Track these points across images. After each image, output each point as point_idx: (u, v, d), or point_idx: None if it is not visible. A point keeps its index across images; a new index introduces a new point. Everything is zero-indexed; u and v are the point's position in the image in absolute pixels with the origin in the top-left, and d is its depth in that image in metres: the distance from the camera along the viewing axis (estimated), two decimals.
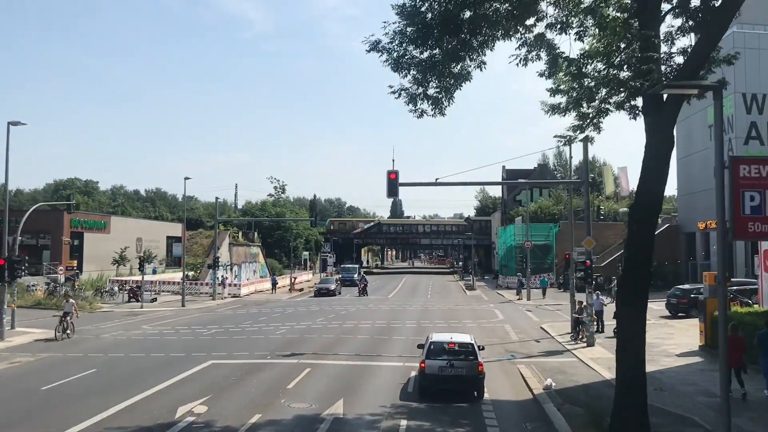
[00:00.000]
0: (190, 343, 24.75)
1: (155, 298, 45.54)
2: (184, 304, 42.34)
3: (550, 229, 62.14)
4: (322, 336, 26.37)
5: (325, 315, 35.19)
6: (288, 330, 28.49)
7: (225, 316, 36.44)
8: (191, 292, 51.10)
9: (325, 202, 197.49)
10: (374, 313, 36.81)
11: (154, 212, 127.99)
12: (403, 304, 42.93)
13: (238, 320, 33.18)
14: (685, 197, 58.81)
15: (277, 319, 33.72)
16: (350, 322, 31.60)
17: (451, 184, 23.83)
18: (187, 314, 37.36)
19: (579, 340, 24.32)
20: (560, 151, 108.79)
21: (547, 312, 36.95)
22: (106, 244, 57.32)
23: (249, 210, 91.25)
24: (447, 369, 15.33)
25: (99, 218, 60.09)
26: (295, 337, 26.05)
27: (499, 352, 22.64)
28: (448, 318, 33.67)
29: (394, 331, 28.33)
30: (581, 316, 24.43)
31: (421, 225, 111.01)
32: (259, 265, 67.90)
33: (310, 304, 44.33)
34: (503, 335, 27.28)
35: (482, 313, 37.19)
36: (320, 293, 51.75)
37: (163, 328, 30.17)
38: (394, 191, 23.87)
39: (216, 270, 48.39)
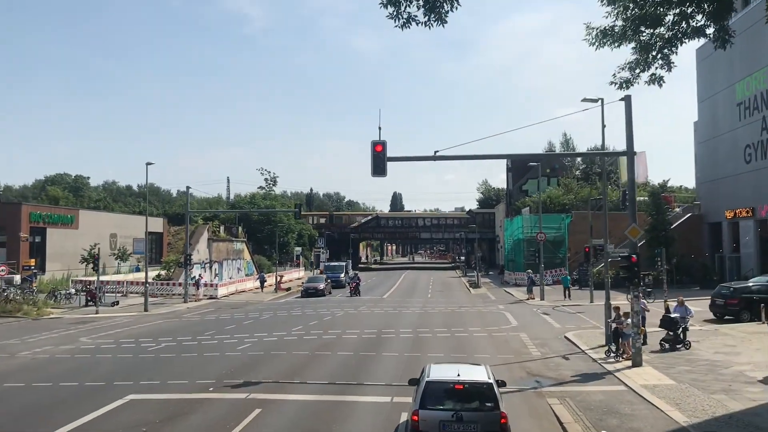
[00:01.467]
0: (122, 365, 19.38)
1: (117, 301, 40.15)
2: (147, 308, 36.98)
3: (562, 220, 56.72)
4: (292, 353, 20.94)
5: (305, 322, 29.79)
6: (253, 344, 23.08)
7: (189, 323, 31.07)
8: (162, 293, 45.79)
9: (324, 197, 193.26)
10: (364, 318, 31.41)
11: (144, 208, 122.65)
12: (399, 306, 37.52)
13: (201, 329, 27.81)
14: (708, 184, 53.30)
15: (247, 327, 28.32)
16: (333, 331, 26.18)
17: (452, 158, 18.59)
18: (146, 321, 31.99)
19: (620, 357, 18.94)
20: (567, 139, 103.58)
21: (566, 316, 31.51)
22: (74, 241, 51.85)
23: (237, 203, 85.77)
24: (453, 425, 9.94)
25: (65, 212, 54.57)
26: (258, 355, 20.63)
27: (519, 376, 17.22)
28: (450, 324, 28.25)
29: (385, 344, 22.90)
30: (622, 326, 19.08)
31: (421, 218, 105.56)
32: (245, 262, 62.39)
33: (294, 306, 38.93)
34: (520, 348, 21.86)
35: (491, 317, 31.77)
36: (308, 293, 46.37)
37: (104, 341, 24.83)
38: (381, 168, 18.44)
39: (189, 268, 42.95)
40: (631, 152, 18.14)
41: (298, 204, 47.79)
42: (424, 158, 18.92)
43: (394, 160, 18.89)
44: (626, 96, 18.28)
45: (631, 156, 18.13)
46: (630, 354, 18.21)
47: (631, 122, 18.26)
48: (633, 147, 18.23)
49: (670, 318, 20.74)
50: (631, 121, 18.24)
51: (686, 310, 21.04)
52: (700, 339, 22.32)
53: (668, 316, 20.90)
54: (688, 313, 21.10)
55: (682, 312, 20.93)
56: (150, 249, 68.24)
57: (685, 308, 21.04)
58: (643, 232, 49.71)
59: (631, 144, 18.18)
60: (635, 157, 57.44)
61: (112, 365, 19.41)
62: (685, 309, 21.05)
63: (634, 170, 18.24)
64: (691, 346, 20.37)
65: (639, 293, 18.14)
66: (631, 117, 18.26)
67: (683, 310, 20.97)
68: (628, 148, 18.17)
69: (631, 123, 18.25)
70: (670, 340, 20.41)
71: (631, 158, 18.13)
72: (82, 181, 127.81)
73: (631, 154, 18.14)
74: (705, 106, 53.08)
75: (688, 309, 21.22)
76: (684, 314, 20.90)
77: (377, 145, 18.46)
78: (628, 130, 18.18)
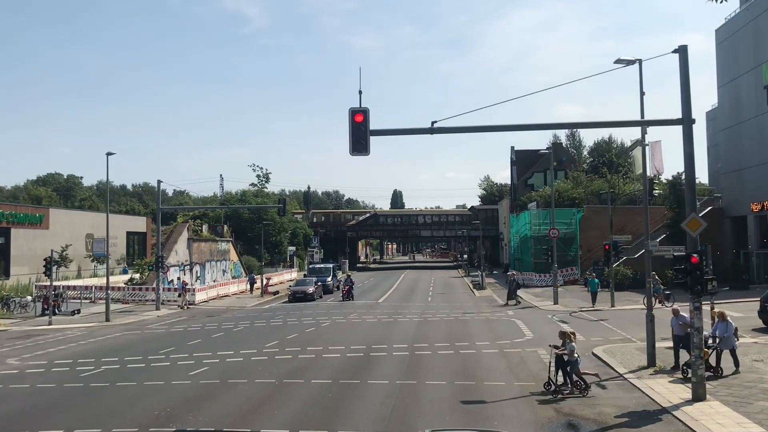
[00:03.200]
0: (32, 401, 15.11)
1: (78, 309, 35.84)
2: (109, 318, 32.70)
3: (573, 215, 52.39)
4: (254, 382, 16.61)
5: (284, 335, 25.48)
6: (211, 367, 18.77)
7: (150, 337, 26.80)
8: (135, 299, 41.48)
9: (323, 195, 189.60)
10: (353, 329, 27.11)
11: (131, 207, 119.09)
12: (395, 313, 33.20)
13: (159, 346, 23.52)
14: (729, 175, 49.00)
15: (213, 343, 24.01)
16: (313, 348, 21.84)
17: (451, 131, 14.17)
18: (102, 334, 27.72)
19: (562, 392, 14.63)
20: (573, 131, 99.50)
21: (588, 325, 27.15)
22: (44, 242, 47.71)
23: (227, 201, 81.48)
24: None
25: (32, 211, 50.37)
26: (210, 386, 16.30)
27: (547, 416, 12.90)
28: (453, 336, 23.92)
29: (373, 367, 18.58)
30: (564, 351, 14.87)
31: (421, 215, 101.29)
32: (231, 264, 57.98)
33: (277, 314, 34.64)
34: (541, 372, 17.45)
35: (501, 326, 27.44)
36: (295, 298, 42.07)
37: (36, 362, 20.61)
38: (362, 143, 14.14)
39: (161, 271, 38.62)
40: (688, 118, 13.80)
41: (282, 199, 43.38)
42: (417, 131, 14.59)
43: (379, 134, 14.57)
44: (681, 47, 13.98)
45: (688, 124, 13.79)
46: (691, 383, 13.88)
47: (688, 80, 13.93)
48: (690, 113, 13.90)
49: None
50: (687, 78, 13.91)
51: (728, 327, 15.96)
52: (762, 355, 18.03)
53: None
54: (729, 331, 15.93)
55: (723, 329, 15.95)
56: (131, 250, 64.28)
57: (726, 324, 16.00)
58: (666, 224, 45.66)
59: (687, 108, 13.85)
60: (652, 147, 52.56)
61: (19, 402, 15.12)
62: (727, 325, 15.99)
63: (692, 144, 13.90)
64: (739, 367, 15.92)
65: (700, 304, 13.79)
66: (687, 73, 13.93)
67: (724, 327, 15.97)
68: (684, 115, 13.84)
69: (688, 81, 13.92)
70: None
71: (688, 126, 13.78)
72: (74, 180, 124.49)
73: (688, 120, 13.80)
74: (725, 91, 48.70)
75: (731, 324, 16.06)
76: (726, 332, 15.88)
77: (357, 113, 14.15)
78: (684, 91, 13.85)
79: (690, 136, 13.87)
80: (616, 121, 14.44)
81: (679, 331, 16.62)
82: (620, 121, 14.71)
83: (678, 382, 15.29)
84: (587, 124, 14.46)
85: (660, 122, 14.63)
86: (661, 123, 14.66)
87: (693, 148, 13.92)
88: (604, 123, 14.50)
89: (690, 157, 13.86)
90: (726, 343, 15.90)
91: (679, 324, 16.73)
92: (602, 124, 14.80)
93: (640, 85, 17.20)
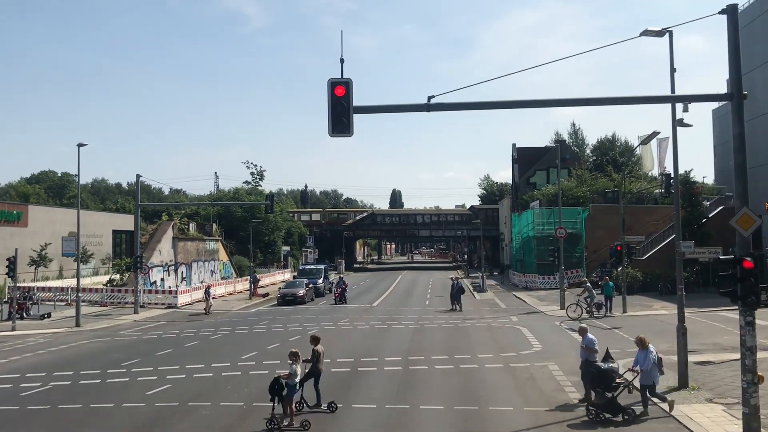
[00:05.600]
0: None
1: (48, 313, 33.35)
2: (79, 322, 30.24)
3: (578, 214, 49.92)
4: (218, 405, 14.15)
5: (265, 344, 23.03)
6: (174, 384, 16.31)
7: (119, 345, 24.34)
8: (114, 301, 39.04)
9: (321, 194, 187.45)
10: (342, 338, 24.65)
11: (121, 204, 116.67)
12: (390, 319, 30.75)
13: (125, 356, 21.06)
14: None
15: (184, 353, 21.55)
16: None
17: (450, 108, 11.84)
18: (67, 342, 25.26)
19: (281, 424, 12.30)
20: (576, 129, 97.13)
21: (601, 334, 24.45)
22: (22, 241, 45.11)
23: (219, 198, 78.93)
24: None
25: (9, 208, 47.75)
26: (166, 409, 13.85)
27: None
28: (453, 348, 21.46)
29: (361, 385, 16.13)
30: (286, 376, 12.76)
31: (420, 215, 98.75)
32: (220, 264, 55.44)
33: (263, 318, 32.18)
34: (554, 393, 15.07)
35: (504, 334, 24.96)
36: (285, 301, 39.57)
37: None
38: (344, 121, 11.71)
39: (140, 273, 36.14)
40: (739, 93, 11.38)
41: (270, 196, 40.91)
42: (411, 107, 12.14)
43: (363, 111, 12.12)
44: (730, 6, 11.57)
45: (738, 99, 11.38)
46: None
47: (738, 48, 11.51)
48: (741, 86, 11.48)
49: (602, 369, 12.93)
50: (737, 45, 11.49)
51: (647, 356, 12.82)
52: None
53: (598, 366, 13.09)
54: (648, 362, 12.79)
55: (641, 360, 12.88)
56: (118, 249, 61.75)
57: (646, 353, 12.90)
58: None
59: (738, 81, 11.44)
60: (661, 143, 49.66)
61: None
62: (646, 354, 12.87)
63: (742, 123, 11.48)
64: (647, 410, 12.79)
65: (753, 318, 11.35)
66: (737, 39, 11.51)
67: (643, 357, 12.91)
68: (734, 88, 11.43)
69: (738, 49, 11.50)
70: (602, 406, 12.53)
71: (738, 102, 11.37)
72: (68, 178, 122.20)
73: (739, 95, 11.39)
74: None
75: (651, 353, 12.90)
76: (643, 364, 12.79)
77: (337, 85, 11.71)
78: (733, 60, 11.43)
79: (740, 114, 11.47)
80: (650, 96, 12.05)
81: (584, 354, 14.00)
82: (656, 96, 12.32)
83: (723, 411, 12.84)
84: (615, 100, 12.07)
85: (703, 97, 12.19)
86: (705, 99, 12.26)
87: (743, 128, 11.54)
88: (636, 98, 12.14)
89: (740, 139, 11.46)
90: (644, 377, 12.87)
91: (582, 347, 14.13)
92: (633, 100, 12.38)
93: (670, 60, 14.78)
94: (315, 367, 13.62)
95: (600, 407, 12.55)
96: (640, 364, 12.85)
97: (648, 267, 42.67)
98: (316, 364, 13.64)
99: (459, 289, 35.13)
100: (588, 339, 14.12)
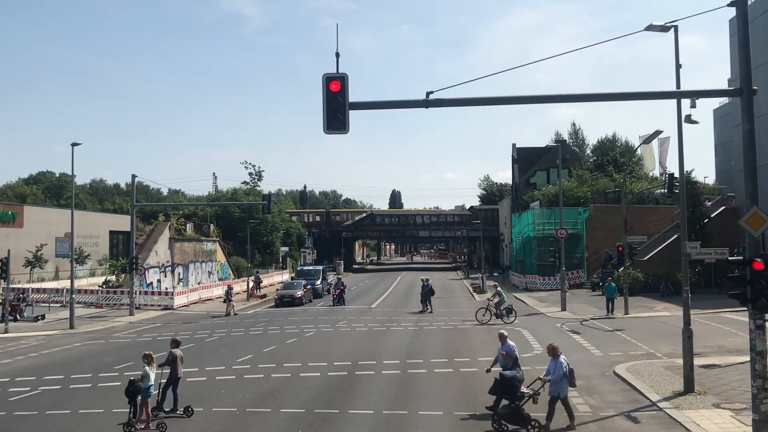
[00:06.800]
0: None
1: (43, 315, 32.90)
2: (74, 324, 29.79)
3: (579, 215, 49.58)
4: (211, 411, 13.75)
5: (261, 346, 22.61)
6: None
7: (113, 348, 23.95)
8: (109, 303, 38.63)
9: (320, 195, 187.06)
10: (340, 340, 24.23)
11: (119, 205, 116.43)
12: (389, 321, 30.35)
13: (119, 359, 20.73)
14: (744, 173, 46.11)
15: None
16: (290, 364, 18.96)
17: (450, 104, 11.38)
18: (60, 344, 24.85)
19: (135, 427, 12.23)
20: (576, 129, 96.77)
21: (604, 336, 24.27)
22: (17, 242, 44.77)
23: (217, 199, 78.51)
24: None
25: (4, 208, 47.45)
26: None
27: None
28: (452, 350, 21.05)
29: (358, 390, 15.72)
30: (139, 380, 12.57)
31: (419, 215, 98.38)
32: (218, 265, 54.99)
33: (260, 320, 31.78)
34: None
35: None
36: (282, 302, 39.16)
37: None
38: (339, 118, 11.31)
39: (136, 274, 35.69)
40: (749, 88, 10.99)
41: (267, 196, 40.46)
42: (409, 103, 11.74)
43: (360, 108, 11.74)
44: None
45: (748, 95, 10.99)
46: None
47: (748, 41, 11.13)
48: (751, 82, 11.09)
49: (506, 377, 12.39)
50: (747, 39, 11.11)
51: (557, 366, 11.95)
52: None
53: (503, 374, 12.61)
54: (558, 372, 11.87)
55: (552, 369, 12.02)
56: (114, 250, 61.38)
57: (557, 363, 12.03)
58: None
59: (748, 77, 11.04)
60: (662, 143, 49.04)
61: None
62: (557, 364, 12.01)
63: (752, 119, 11.08)
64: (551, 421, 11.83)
65: (763, 321, 10.96)
66: (747, 33, 11.13)
67: (553, 366, 12.06)
68: (743, 84, 11.03)
69: (748, 42, 11.12)
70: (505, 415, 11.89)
71: (748, 98, 10.98)
72: (66, 179, 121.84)
73: (749, 91, 10.99)
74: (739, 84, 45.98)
75: (561, 363, 11.97)
76: (554, 373, 11.91)
77: (333, 80, 11.31)
78: (743, 55, 11.04)
79: (750, 110, 11.07)
80: (656, 92, 11.64)
81: (502, 361, 13.49)
82: (662, 92, 11.90)
83: (731, 417, 12.43)
84: (620, 96, 11.69)
85: (711, 93, 11.78)
86: (713, 94, 11.86)
87: (753, 125, 11.12)
88: (642, 94, 11.73)
89: (750, 135, 11.05)
90: (554, 387, 12.01)
91: (501, 353, 13.61)
92: (639, 96, 11.99)
93: (676, 56, 14.36)
94: (173, 371, 13.41)
95: (504, 417, 11.85)
96: (551, 374, 12.08)
97: (649, 268, 42.25)
98: (174, 368, 13.41)
99: (429, 291, 34.50)
100: (508, 346, 13.64)
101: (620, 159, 76.28)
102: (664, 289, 38.48)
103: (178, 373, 13.56)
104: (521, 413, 11.82)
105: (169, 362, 13.43)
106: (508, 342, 13.72)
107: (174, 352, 13.57)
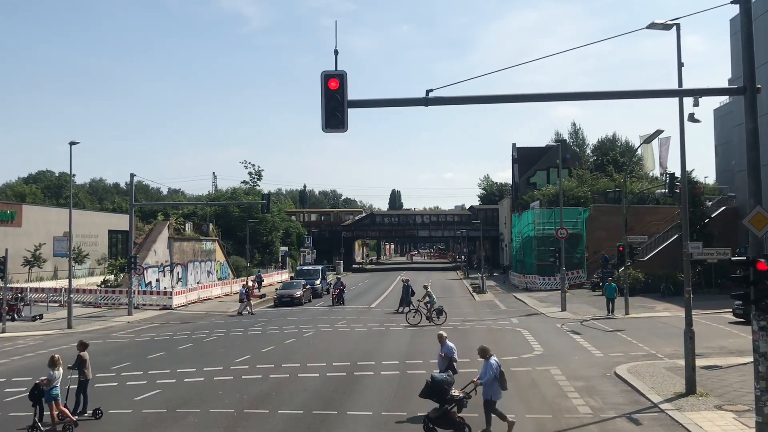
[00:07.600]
0: None
1: (41, 315, 32.77)
2: (71, 324, 29.67)
3: (579, 215, 49.44)
4: (208, 412, 13.61)
5: (260, 346, 22.48)
6: (163, 390, 15.76)
7: (110, 348, 23.81)
8: (108, 303, 38.50)
9: (320, 195, 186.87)
10: (339, 341, 24.11)
11: (118, 204, 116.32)
12: (388, 321, 30.25)
13: (116, 359, 20.55)
14: (746, 172, 45.89)
15: (176, 356, 21.03)
16: (289, 364, 18.83)
17: (450, 102, 11.30)
18: (58, 344, 24.66)
19: None
20: (576, 129, 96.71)
21: (604, 336, 24.13)
22: (16, 241, 44.65)
23: (216, 198, 78.35)
24: None
25: (2, 207, 47.33)
26: (153, 416, 13.33)
27: None
28: None
29: (356, 391, 15.60)
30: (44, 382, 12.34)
31: (419, 215, 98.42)
32: (217, 264, 54.86)
33: (259, 320, 31.66)
34: (556, 399, 14.55)
35: (505, 338, 24.43)
36: (282, 302, 39.05)
37: None
38: (338, 116, 11.18)
39: (134, 273, 35.56)
40: (752, 87, 10.87)
41: (266, 195, 40.30)
42: (408, 102, 11.60)
43: (359, 106, 11.60)
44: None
45: (751, 93, 10.86)
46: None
47: (751, 39, 11.00)
48: (754, 80, 10.96)
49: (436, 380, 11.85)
50: (750, 36, 10.98)
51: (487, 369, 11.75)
52: None
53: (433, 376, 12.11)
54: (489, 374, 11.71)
55: (483, 372, 11.83)
56: (113, 249, 61.29)
57: (487, 365, 11.83)
58: None
59: (751, 75, 10.91)
60: (662, 143, 48.95)
61: None
62: (487, 366, 11.79)
63: (755, 117, 10.95)
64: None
65: (767, 323, 10.82)
66: (750, 30, 10.99)
67: (483, 369, 11.84)
68: (747, 82, 10.90)
69: (751, 40, 10.99)
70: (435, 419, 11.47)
71: (751, 96, 10.85)
72: (65, 178, 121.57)
73: (752, 89, 10.87)
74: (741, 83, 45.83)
75: (492, 365, 11.81)
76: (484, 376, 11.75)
77: (331, 78, 11.18)
78: (747, 53, 10.90)
79: (753, 109, 10.94)
80: (659, 90, 11.51)
81: (442, 364, 13.27)
82: (665, 90, 11.77)
83: (734, 419, 12.29)
84: (621, 94, 11.55)
85: (713, 91, 11.64)
86: (715, 92, 11.76)
87: (757, 123, 10.98)
88: (644, 92, 11.59)
89: (753, 134, 10.94)
90: (486, 390, 11.70)
91: (440, 355, 13.41)
92: (641, 94, 11.85)
93: (678, 54, 14.24)
94: (81, 373, 13.42)
95: (433, 421, 11.48)
96: (481, 377, 11.80)
97: (650, 268, 42.11)
98: (82, 371, 13.40)
99: (411, 292, 33.83)
100: (447, 347, 13.50)
101: (620, 159, 76.11)
102: (664, 289, 38.36)
103: (88, 375, 13.57)
104: (452, 417, 11.42)
105: (77, 365, 13.41)
106: (447, 343, 13.67)
107: (82, 355, 13.57)
